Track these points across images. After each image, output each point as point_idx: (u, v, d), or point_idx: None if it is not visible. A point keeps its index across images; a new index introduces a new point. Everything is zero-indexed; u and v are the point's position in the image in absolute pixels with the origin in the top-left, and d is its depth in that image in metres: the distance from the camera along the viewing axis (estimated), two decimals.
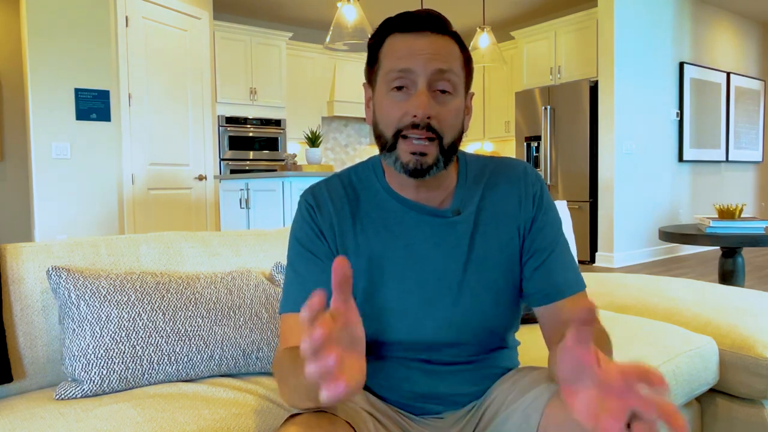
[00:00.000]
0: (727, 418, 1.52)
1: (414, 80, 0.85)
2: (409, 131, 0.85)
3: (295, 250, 0.94)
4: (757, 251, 6.37)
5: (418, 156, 0.85)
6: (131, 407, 1.02)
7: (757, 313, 1.59)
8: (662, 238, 3.17)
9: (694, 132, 6.30)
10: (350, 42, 3.45)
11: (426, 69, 0.85)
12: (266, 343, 1.26)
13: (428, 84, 0.85)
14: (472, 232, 0.93)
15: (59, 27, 4.09)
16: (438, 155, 0.87)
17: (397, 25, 0.89)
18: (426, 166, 0.86)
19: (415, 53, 0.85)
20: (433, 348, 0.93)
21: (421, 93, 0.85)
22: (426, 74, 0.85)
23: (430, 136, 0.85)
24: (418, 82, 0.85)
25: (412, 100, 0.85)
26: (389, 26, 0.90)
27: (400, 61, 0.86)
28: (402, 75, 0.86)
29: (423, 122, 0.84)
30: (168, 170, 4.94)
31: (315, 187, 0.98)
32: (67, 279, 1.15)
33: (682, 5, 6.13)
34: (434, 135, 0.85)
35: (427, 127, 0.85)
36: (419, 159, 0.86)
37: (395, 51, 0.87)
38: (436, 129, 0.85)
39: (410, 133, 0.85)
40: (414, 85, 0.86)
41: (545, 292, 0.93)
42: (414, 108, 0.84)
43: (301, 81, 6.91)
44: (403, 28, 0.88)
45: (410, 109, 0.85)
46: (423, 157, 0.86)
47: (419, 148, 0.85)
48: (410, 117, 0.85)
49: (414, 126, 0.85)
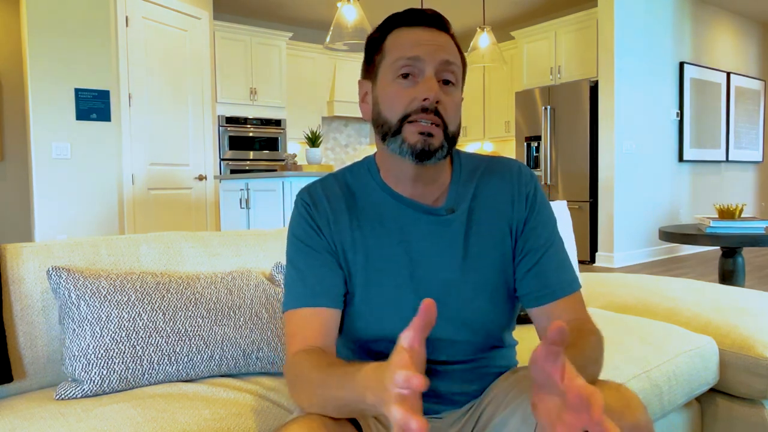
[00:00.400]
0: (727, 418, 1.52)
1: (422, 68, 0.87)
2: (417, 115, 0.86)
3: (294, 247, 0.95)
4: (757, 251, 6.37)
5: (426, 136, 0.86)
6: (131, 407, 1.02)
7: (757, 313, 1.59)
8: (662, 238, 3.17)
9: (694, 132, 6.31)
10: (350, 42, 3.45)
11: (434, 58, 0.87)
12: (266, 343, 1.26)
13: (435, 72, 0.87)
14: (466, 231, 0.94)
15: (59, 27, 4.09)
16: (443, 140, 0.88)
17: (402, 20, 0.91)
18: (433, 148, 0.87)
19: (422, 43, 0.87)
20: (430, 346, 0.93)
21: (430, 78, 0.86)
22: (434, 63, 0.87)
23: (437, 121, 0.86)
24: (426, 69, 0.87)
25: (421, 86, 0.86)
26: (394, 21, 0.92)
27: (409, 50, 0.87)
28: (410, 63, 0.87)
29: (432, 106, 0.86)
30: (168, 170, 4.94)
31: (311, 186, 0.99)
32: (67, 279, 1.15)
33: (682, 5, 6.13)
34: (440, 121, 0.87)
35: (435, 111, 0.86)
36: (426, 140, 0.86)
37: (402, 41, 0.89)
38: (443, 115, 0.87)
39: (419, 117, 0.86)
40: (421, 72, 0.87)
41: (538, 293, 0.93)
42: (424, 92, 0.86)
43: (301, 81, 6.91)
44: (409, 23, 0.90)
45: (419, 94, 0.86)
46: (430, 138, 0.86)
47: (427, 129, 0.86)
48: (419, 101, 0.86)
49: (423, 110, 0.86)
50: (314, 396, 0.78)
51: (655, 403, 1.31)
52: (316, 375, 0.78)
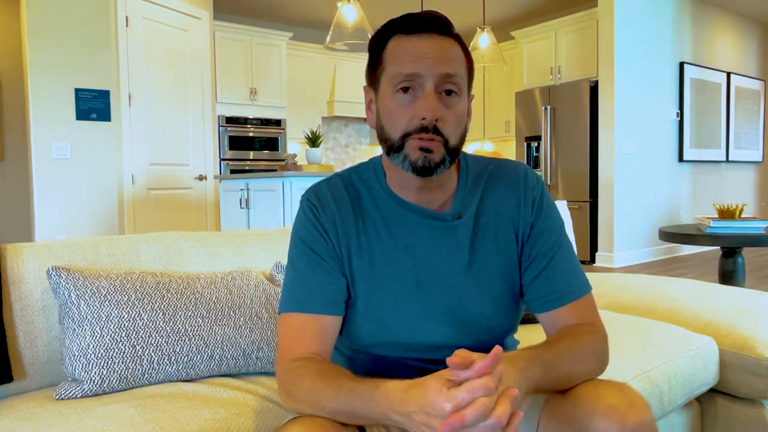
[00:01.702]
0: (727, 418, 1.52)
1: (421, 83, 0.85)
2: (417, 134, 0.85)
3: (297, 249, 0.94)
4: (757, 251, 6.37)
5: (426, 152, 0.85)
6: (131, 407, 1.02)
7: (757, 313, 1.58)
8: (662, 238, 3.17)
9: (694, 132, 6.30)
10: (350, 42, 3.45)
11: (433, 72, 0.84)
12: (266, 343, 1.26)
13: (435, 87, 0.85)
14: (472, 236, 0.93)
15: (59, 27, 4.09)
16: (444, 155, 0.86)
17: (400, 27, 0.88)
18: (433, 164, 0.86)
19: (421, 56, 0.85)
20: (433, 350, 0.93)
21: (429, 95, 0.84)
22: (433, 78, 0.84)
23: (437, 138, 0.85)
24: (425, 84, 0.85)
25: (419, 103, 0.85)
26: (392, 28, 0.89)
27: (407, 65, 0.85)
28: (409, 79, 0.85)
29: (431, 125, 0.84)
30: (168, 170, 4.94)
31: (317, 186, 0.98)
32: (67, 279, 1.15)
33: (682, 5, 6.13)
34: (441, 138, 0.85)
35: (434, 129, 0.84)
36: (427, 156, 0.85)
37: (400, 54, 0.86)
38: (443, 132, 0.85)
39: (419, 136, 0.85)
40: (421, 87, 0.85)
41: (546, 299, 0.92)
42: (422, 111, 0.84)
43: (301, 81, 6.91)
44: (407, 30, 0.87)
45: (418, 113, 0.84)
46: (430, 154, 0.85)
47: (426, 144, 0.85)
48: (418, 120, 0.84)
49: (423, 129, 0.84)
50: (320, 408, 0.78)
51: (655, 403, 1.31)
52: (324, 386, 0.78)
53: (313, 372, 0.81)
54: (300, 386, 0.81)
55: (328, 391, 0.77)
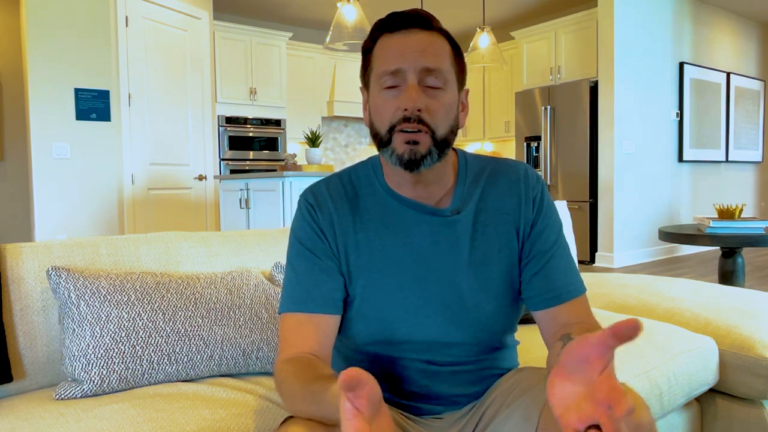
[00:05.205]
0: (727, 418, 1.52)
1: (404, 77, 0.87)
2: (402, 125, 0.86)
3: (295, 249, 0.94)
4: (757, 251, 6.37)
5: (411, 145, 0.86)
6: (131, 407, 1.02)
7: (757, 313, 1.58)
8: (662, 238, 3.17)
9: (694, 132, 6.30)
10: (350, 42, 3.45)
11: (415, 66, 0.86)
12: (266, 343, 1.26)
13: (418, 80, 0.87)
14: (472, 232, 0.93)
15: (59, 27, 4.09)
16: (431, 146, 0.87)
17: (386, 26, 0.90)
18: (419, 155, 0.86)
19: (403, 52, 0.87)
20: (432, 348, 0.93)
21: (411, 87, 0.86)
22: (415, 71, 0.86)
23: (422, 128, 0.86)
24: (408, 78, 0.86)
25: (402, 96, 0.86)
26: (379, 28, 0.91)
27: (390, 63, 0.87)
28: (393, 75, 0.87)
29: (414, 115, 0.85)
30: (168, 170, 4.94)
31: (314, 186, 0.98)
32: (67, 279, 1.15)
33: (682, 5, 6.13)
34: (426, 127, 0.86)
35: (419, 120, 0.86)
36: (412, 148, 0.86)
37: (385, 53, 0.88)
38: (427, 122, 0.86)
39: (403, 127, 0.86)
40: (404, 81, 0.87)
41: (544, 296, 0.92)
42: (404, 102, 0.86)
43: (301, 81, 6.91)
44: (392, 28, 0.89)
45: (401, 104, 0.86)
46: (416, 146, 0.86)
47: (411, 137, 0.86)
48: (401, 111, 0.86)
49: (406, 120, 0.86)
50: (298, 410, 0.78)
51: (655, 403, 1.31)
52: (298, 388, 0.78)
53: (291, 373, 0.81)
54: (282, 387, 0.82)
55: (300, 394, 0.77)
